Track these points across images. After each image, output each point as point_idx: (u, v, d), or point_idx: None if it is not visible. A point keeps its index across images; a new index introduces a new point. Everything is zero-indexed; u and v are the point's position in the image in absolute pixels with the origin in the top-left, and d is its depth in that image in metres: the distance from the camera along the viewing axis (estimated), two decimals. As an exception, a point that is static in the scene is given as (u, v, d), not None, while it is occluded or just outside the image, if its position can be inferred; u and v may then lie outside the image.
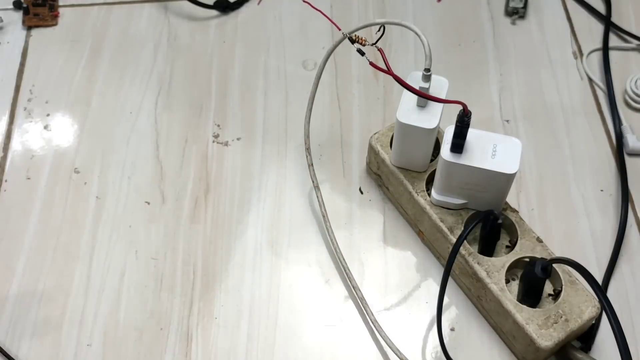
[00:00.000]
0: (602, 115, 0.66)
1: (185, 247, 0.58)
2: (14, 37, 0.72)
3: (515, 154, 0.50)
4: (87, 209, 0.60)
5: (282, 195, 0.61)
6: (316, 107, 0.60)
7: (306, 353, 0.53)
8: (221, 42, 0.72)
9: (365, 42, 0.46)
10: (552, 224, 0.60)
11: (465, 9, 0.74)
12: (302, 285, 0.56)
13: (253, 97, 0.68)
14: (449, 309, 0.55)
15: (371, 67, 0.68)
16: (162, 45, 0.71)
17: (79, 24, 0.73)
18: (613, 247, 0.58)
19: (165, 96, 0.68)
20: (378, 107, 0.67)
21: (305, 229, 0.59)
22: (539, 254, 0.52)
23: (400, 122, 0.52)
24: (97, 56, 0.70)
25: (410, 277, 0.57)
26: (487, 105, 0.67)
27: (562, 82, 0.69)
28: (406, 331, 0.54)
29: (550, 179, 0.62)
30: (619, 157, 0.63)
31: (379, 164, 0.59)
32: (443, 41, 0.71)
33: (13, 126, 0.66)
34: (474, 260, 0.52)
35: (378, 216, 0.60)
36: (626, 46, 0.71)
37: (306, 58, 0.70)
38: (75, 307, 0.55)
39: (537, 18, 0.73)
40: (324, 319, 0.55)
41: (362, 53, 0.46)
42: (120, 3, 0.75)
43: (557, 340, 0.48)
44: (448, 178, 0.52)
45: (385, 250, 0.58)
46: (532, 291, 0.51)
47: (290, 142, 0.64)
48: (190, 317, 0.55)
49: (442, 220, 0.54)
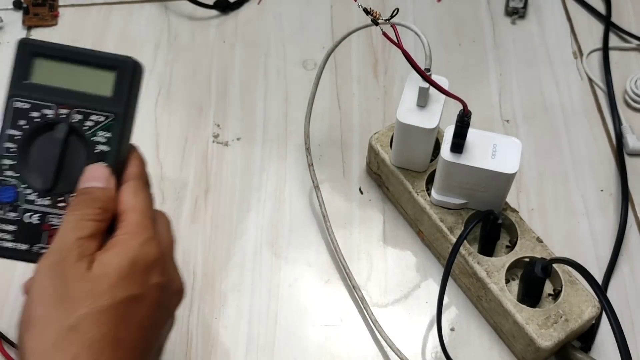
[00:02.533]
0: (602, 115, 0.66)
1: (185, 247, 0.58)
2: (14, 36, 0.72)
3: (515, 153, 0.50)
4: (87, 209, 0.60)
5: (282, 195, 0.61)
6: (316, 107, 0.60)
7: (306, 353, 0.53)
8: (221, 42, 0.72)
9: (378, 17, 0.47)
10: (552, 223, 0.60)
11: (465, 9, 0.74)
12: (302, 285, 0.56)
13: (253, 97, 0.68)
14: (449, 309, 0.55)
15: (371, 67, 0.67)
16: (162, 45, 0.71)
17: (79, 24, 0.73)
18: (613, 247, 0.58)
19: (165, 96, 0.68)
20: (378, 107, 0.67)
21: (305, 229, 0.59)
22: (538, 253, 0.52)
23: (400, 122, 0.52)
24: (97, 56, 0.70)
25: (410, 277, 0.57)
26: (487, 105, 0.67)
27: (562, 82, 0.69)
28: (406, 331, 0.54)
29: (550, 178, 0.62)
30: (619, 157, 0.63)
31: (379, 164, 0.59)
32: (443, 41, 0.71)
33: (13, 126, 0.66)
34: (473, 260, 0.52)
35: (378, 216, 0.60)
36: (626, 46, 0.71)
37: (306, 58, 0.70)
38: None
39: (537, 18, 0.73)
40: (324, 318, 0.55)
41: (376, 23, 0.47)
42: (120, 3, 0.75)
43: (557, 340, 0.48)
44: (448, 178, 0.52)
45: (385, 250, 0.58)
46: (532, 291, 0.51)
47: (290, 142, 0.64)
48: (190, 317, 0.55)
49: (442, 220, 0.54)
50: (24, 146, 0.38)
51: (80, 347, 0.32)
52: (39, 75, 0.39)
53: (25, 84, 0.38)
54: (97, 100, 0.38)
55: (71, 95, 0.38)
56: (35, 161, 0.38)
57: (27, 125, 0.38)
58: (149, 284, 0.36)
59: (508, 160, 0.49)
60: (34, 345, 0.33)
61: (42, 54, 0.39)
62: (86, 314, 0.33)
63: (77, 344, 0.32)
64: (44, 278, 0.34)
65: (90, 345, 0.32)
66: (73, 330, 0.32)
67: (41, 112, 0.38)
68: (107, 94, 0.38)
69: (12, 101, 0.38)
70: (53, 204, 0.38)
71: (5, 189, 0.38)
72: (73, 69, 0.39)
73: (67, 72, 0.39)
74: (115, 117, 0.38)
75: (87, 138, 0.38)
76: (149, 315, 0.36)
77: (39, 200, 0.38)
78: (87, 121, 0.38)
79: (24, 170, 0.38)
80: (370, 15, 0.47)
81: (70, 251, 0.34)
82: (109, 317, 0.33)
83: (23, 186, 0.38)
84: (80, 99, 0.38)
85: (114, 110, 0.38)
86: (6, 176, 0.38)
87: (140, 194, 0.38)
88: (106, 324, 0.33)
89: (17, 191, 0.38)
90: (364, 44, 0.71)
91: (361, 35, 0.71)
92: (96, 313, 0.33)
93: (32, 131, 0.38)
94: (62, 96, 0.38)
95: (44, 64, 0.39)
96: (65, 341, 0.32)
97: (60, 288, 0.33)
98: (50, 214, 0.38)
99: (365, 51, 0.71)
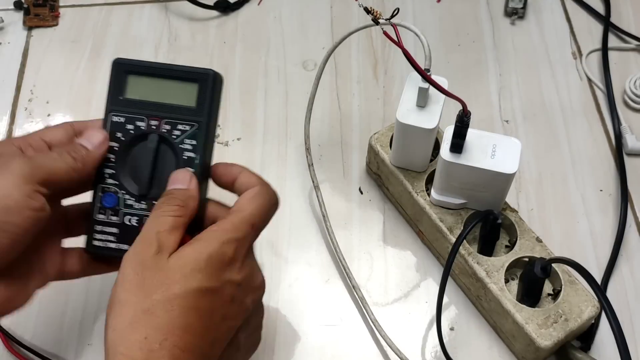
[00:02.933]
0: (601, 116, 0.66)
1: (185, 247, 0.58)
2: (14, 37, 0.72)
3: (514, 154, 0.50)
4: (88, 209, 0.61)
5: (282, 196, 0.61)
6: (316, 107, 0.60)
7: (306, 353, 0.54)
8: (221, 43, 0.72)
9: (379, 16, 0.48)
10: (551, 223, 0.60)
11: (465, 9, 0.74)
12: (302, 285, 0.56)
13: (253, 97, 0.68)
14: (449, 309, 0.55)
15: (371, 68, 0.67)
16: (162, 45, 0.72)
17: (80, 24, 0.73)
18: (612, 247, 0.58)
19: (166, 96, 0.68)
20: (378, 107, 0.67)
21: (305, 229, 0.60)
22: (538, 253, 0.52)
23: (400, 122, 0.52)
24: (98, 56, 0.71)
25: (410, 277, 0.57)
26: (486, 105, 0.67)
27: (562, 82, 0.69)
28: (406, 330, 0.54)
29: (550, 178, 0.62)
30: (618, 157, 0.63)
31: (379, 164, 0.59)
32: (443, 41, 0.71)
33: (14, 126, 0.66)
34: (473, 260, 0.52)
35: (378, 216, 0.60)
36: (625, 46, 0.71)
37: (306, 58, 0.70)
38: (75, 307, 0.55)
39: (536, 18, 0.73)
40: (324, 318, 0.55)
41: (376, 22, 0.47)
42: (121, 3, 0.75)
43: (556, 340, 0.48)
44: (448, 178, 0.52)
45: (385, 250, 0.58)
46: (531, 291, 0.51)
47: (290, 142, 0.65)
48: (191, 317, 0.55)
49: (442, 220, 0.54)
50: (121, 156, 0.42)
51: (151, 328, 0.36)
52: (131, 90, 0.43)
53: (121, 99, 0.43)
54: (183, 111, 0.42)
55: (160, 108, 0.42)
56: (131, 169, 0.42)
57: (124, 137, 0.42)
58: (223, 279, 0.38)
59: (507, 160, 0.49)
60: (114, 323, 0.36)
61: (133, 72, 0.43)
62: (159, 300, 0.36)
63: (149, 325, 0.36)
64: (127, 266, 0.38)
65: (160, 328, 0.36)
66: (147, 313, 0.36)
67: (135, 125, 0.42)
68: (191, 104, 0.42)
69: (110, 115, 0.43)
70: (149, 207, 0.42)
71: (108, 196, 0.43)
72: (161, 83, 0.43)
73: (156, 87, 0.43)
74: (199, 126, 0.42)
75: (175, 146, 0.42)
76: (221, 307, 0.38)
77: (136, 205, 0.43)
78: (175, 130, 0.42)
79: (123, 178, 0.42)
80: (371, 15, 0.48)
81: (150, 243, 0.38)
82: (180, 304, 0.36)
83: (122, 192, 0.43)
84: (168, 110, 0.42)
85: (197, 119, 0.42)
86: (108, 184, 0.43)
87: (256, 201, 0.41)
88: (177, 309, 0.36)
89: (117, 197, 0.43)
90: (364, 45, 0.71)
91: (361, 35, 0.71)
92: (168, 299, 0.36)
93: (128, 142, 0.42)
94: (152, 109, 0.42)
95: (135, 80, 0.43)
96: (139, 322, 0.36)
97: (139, 275, 0.37)
98: (147, 217, 0.41)
99: (365, 52, 0.71)
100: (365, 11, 0.48)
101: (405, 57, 0.46)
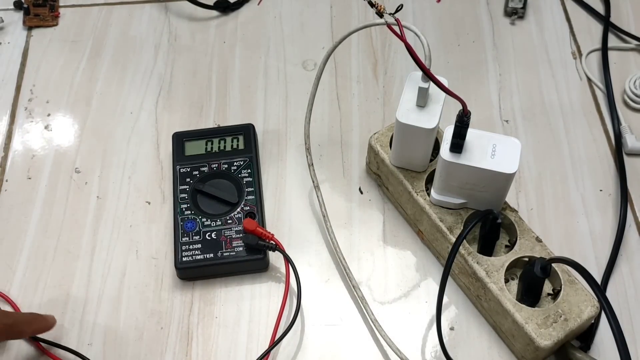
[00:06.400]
0: (601, 115, 0.67)
1: (185, 247, 0.58)
2: (14, 37, 0.72)
3: (514, 153, 0.50)
4: (88, 209, 0.61)
5: (282, 195, 0.62)
6: (316, 107, 0.60)
7: (306, 353, 0.54)
8: (221, 43, 0.72)
9: (383, 10, 0.48)
10: (551, 223, 0.60)
11: (465, 9, 0.74)
12: (302, 285, 0.56)
13: (253, 97, 0.68)
14: (449, 309, 0.55)
15: (371, 68, 0.67)
16: (162, 45, 0.72)
17: (80, 24, 0.73)
18: (612, 247, 0.58)
19: (166, 96, 0.68)
20: (378, 107, 0.67)
21: (305, 229, 0.60)
22: (538, 253, 0.52)
23: (400, 122, 0.52)
24: (98, 56, 0.71)
25: (409, 277, 0.57)
26: (486, 105, 0.67)
27: (561, 82, 0.69)
28: (406, 330, 0.54)
29: (550, 178, 0.62)
30: (618, 157, 0.63)
31: (379, 163, 0.59)
32: (443, 41, 0.72)
33: (14, 126, 0.66)
34: (473, 259, 0.52)
35: (378, 216, 0.60)
36: (625, 46, 0.71)
37: (306, 58, 0.70)
38: (76, 307, 0.55)
39: (536, 18, 0.73)
40: (324, 318, 0.55)
41: (380, 15, 0.48)
42: (121, 3, 0.75)
43: (556, 340, 0.48)
44: (447, 178, 0.52)
45: (385, 249, 0.58)
46: (531, 290, 0.51)
47: (290, 142, 0.65)
48: (191, 317, 0.55)
49: (442, 219, 0.54)
50: (192, 192, 0.58)
51: None
52: (189, 149, 0.61)
53: (183, 156, 0.60)
54: (236, 153, 0.61)
55: (215, 155, 0.60)
56: (203, 199, 0.58)
57: (190, 180, 0.59)
58: None
59: (507, 160, 0.49)
60: None
61: (188, 138, 0.61)
62: None
63: None
64: None
65: None
66: None
67: (199, 170, 0.59)
68: (241, 147, 0.61)
69: (178, 168, 0.60)
70: (223, 223, 0.56)
71: (190, 222, 0.57)
72: (213, 139, 0.61)
73: (205, 143, 0.61)
74: (250, 159, 0.60)
75: (235, 176, 0.59)
76: None
77: (212, 224, 0.57)
78: (233, 166, 0.60)
79: (197, 208, 0.57)
80: (375, 8, 0.48)
81: None
82: None
83: (199, 218, 0.57)
84: (224, 155, 0.60)
85: (247, 155, 0.60)
86: (187, 215, 0.57)
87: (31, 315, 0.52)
88: None
89: (196, 222, 0.57)
90: (363, 45, 0.71)
91: (361, 35, 0.72)
92: None
93: (196, 182, 0.59)
94: (209, 157, 0.60)
95: (191, 142, 0.61)
96: None
97: None
98: (223, 229, 0.56)
99: (365, 52, 0.71)
100: (370, 4, 0.48)
101: (408, 51, 0.46)
